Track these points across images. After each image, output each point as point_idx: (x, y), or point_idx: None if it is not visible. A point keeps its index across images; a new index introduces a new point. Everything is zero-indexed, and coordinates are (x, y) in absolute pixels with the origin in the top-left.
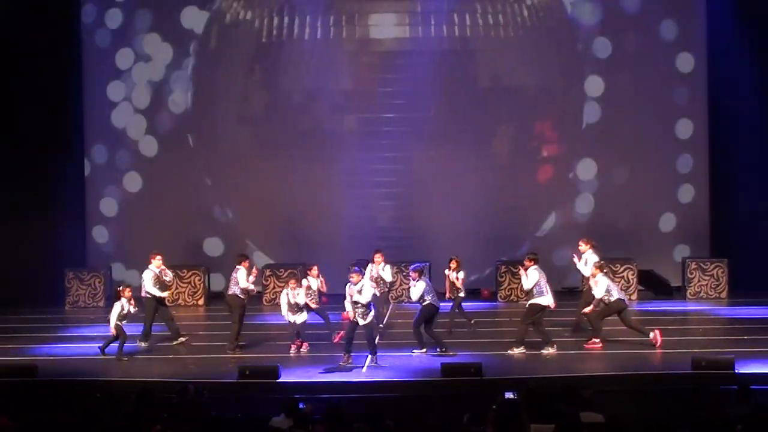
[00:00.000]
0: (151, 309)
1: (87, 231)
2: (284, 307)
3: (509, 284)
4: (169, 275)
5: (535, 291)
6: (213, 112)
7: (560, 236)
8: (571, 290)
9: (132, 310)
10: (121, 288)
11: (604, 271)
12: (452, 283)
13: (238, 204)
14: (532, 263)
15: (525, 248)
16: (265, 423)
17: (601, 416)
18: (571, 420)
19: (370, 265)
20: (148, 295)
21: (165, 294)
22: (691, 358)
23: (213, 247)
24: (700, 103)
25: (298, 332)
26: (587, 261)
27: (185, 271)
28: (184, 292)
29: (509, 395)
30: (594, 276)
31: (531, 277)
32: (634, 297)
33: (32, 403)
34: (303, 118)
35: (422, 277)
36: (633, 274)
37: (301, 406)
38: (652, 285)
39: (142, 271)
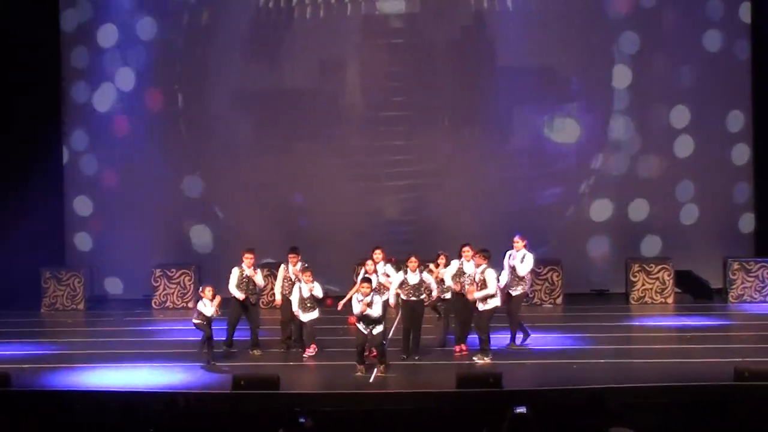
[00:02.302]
0: (233, 311)
1: (65, 227)
2: (295, 303)
3: (532, 285)
4: (259, 277)
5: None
6: (205, 95)
7: (586, 232)
8: (601, 292)
9: (211, 311)
10: (201, 288)
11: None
12: (441, 280)
13: (232, 196)
14: (485, 261)
15: (548, 245)
16: None
17: (631, 431)
18: None
19: (369, 261)
20: (231, 296)
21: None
22: (733, 368)
23: (204, 243)
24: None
25: (305, 333)
26: (524, 259)
27: (173, 270)
28: (173, 293)
29: (520, 409)
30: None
31: (490, 278)
32: (670, 300)
33: (3, 415)
34: (303, 102)
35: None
36: (669, 276)
37: (302, 420)
38: (691, 287)
39: (125, 270)
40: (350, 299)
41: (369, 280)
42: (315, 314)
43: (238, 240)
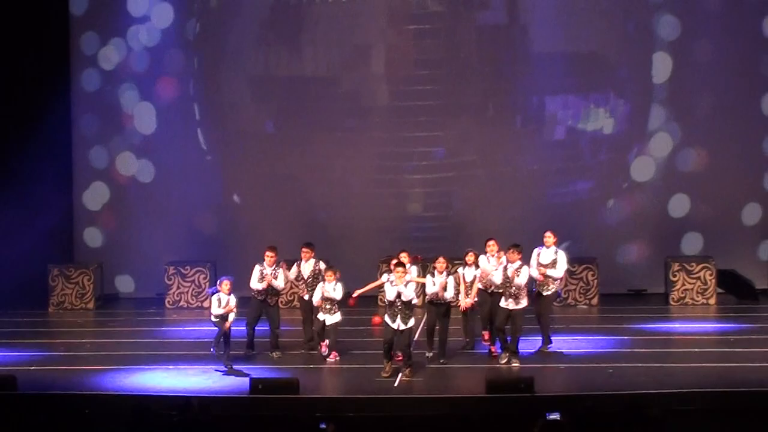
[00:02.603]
0: (253, 311)
1: (74, 221)
2: (317, 298)
3: (566, 284)
4: (279, 278)
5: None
6: (222, 82)
7: (624, 228)
8: (638, 293)
9: (231, 303)
10: (219, 281)
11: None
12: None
13: (249, 188)
14: (520, 257)
15: (585, 242)
16: None
17: None
18: None
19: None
20: (251, 294)
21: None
22: None
23: (220, 240)
24: None
25: (329, 338)
26: (557, 256)
27: (188, 268)
28: (187, 292)
29: (553, 416)
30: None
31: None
32: (712, 301)
33: (9, 420)
34: (324, 90)
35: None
36: (711, 275)
37: (322, 426)
38: (734, 287)
39: (137, 267)
40: (375, 287)
41: (403, 264)
42: (337, 317)
43: (257, 237)
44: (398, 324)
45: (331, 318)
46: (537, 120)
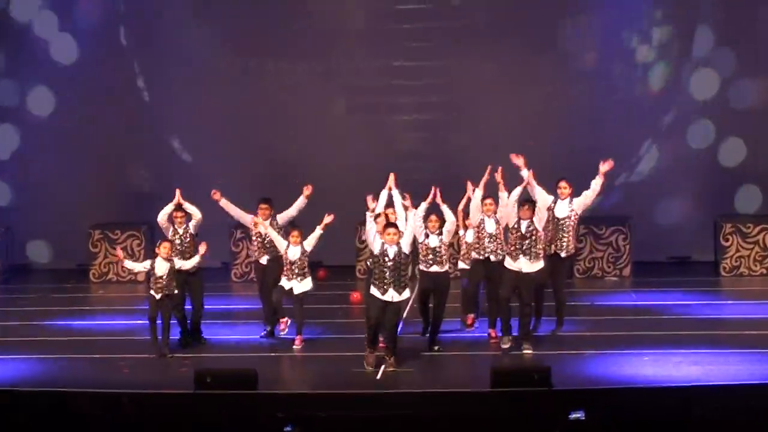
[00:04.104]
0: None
1: None
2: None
3: (590, 251)
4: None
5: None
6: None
7: (664, 181)
8: (682, 261)
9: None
10: (158, 244)
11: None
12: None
13: (194, 131)
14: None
15: (614, 198)
16: None
17: None
18: None
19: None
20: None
21: (185, 264)
22: None
23: (155, 196)
24: None
25: (295, 312)
26: (575, 210)
27: (117, 232)
28: (116, 263)
29: (576, 415)
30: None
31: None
32: None
33: None
34: (287, 7)
35: None
36: None
37: (287, 429)
38: None
39: (55, 231)
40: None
41: (394, 225)
42: (308, 284)
43: (203, 192)
44: (391, 295)
45: (299, 285)
46: (558, 45)
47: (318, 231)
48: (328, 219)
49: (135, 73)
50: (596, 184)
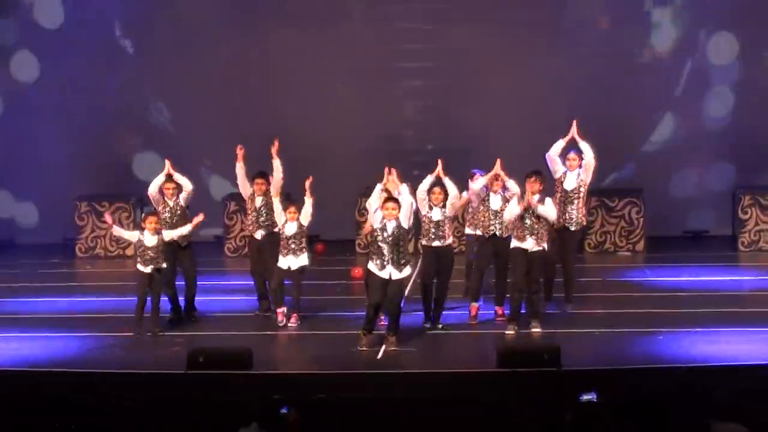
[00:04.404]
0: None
1: None
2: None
3: (602, 225)
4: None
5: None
6: None
7: (679, 149)
8: (698, 235)
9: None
10: (143, 217)
11: None
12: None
13: (186, 95)
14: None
15: (628, 169)
16: None
17: (745, 429)
18: None
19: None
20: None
21: (173, 233)
22: None
23: (147, 168)
24: None
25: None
26: (584, 180)
27: (105, 204)
28: (105, 237)
29: (588, 396)
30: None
31: (550, 209)
32: None
33: None
34: None
35: None
36: None
37: (283, 411)
38: None
39: (39, 203)
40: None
41: (395, 199)
42: (305, 259)
43: (195, 161)
44: (389, 272)
45: (296, 260)
46: (565, 8)
47: (308, 201)
48: (308, 183)
49: (121, 37)
50: (583, 147)
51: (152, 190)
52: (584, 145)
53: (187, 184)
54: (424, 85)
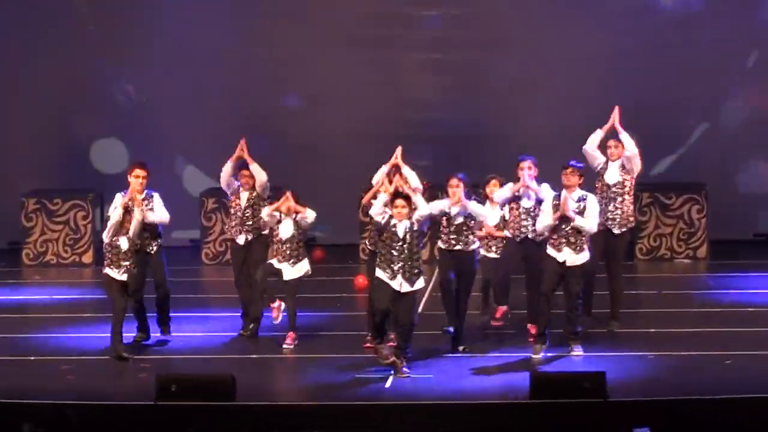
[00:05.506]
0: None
1: None
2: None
3: (656, 227)
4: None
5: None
6: None
7: (747, 140)
8: None
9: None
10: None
11: None
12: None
13: (154, 72)
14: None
15: (687, 160)
16: None
17: None
18: None
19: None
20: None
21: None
22: None
23: (111, 159)
24: None
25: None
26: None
27: (58, 201)
28: (57, 240)
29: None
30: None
31: (592, 207)
32: None
33: None
34: None
35: None
36: None
37: None
38: None
39: None
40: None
41: (404, 195)
42: (303, 267)
43: (167, 152)
44: (400, 283)
45: (292, 270)
46: None
47: (310, 213)
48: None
49: (81, 3)
50: (624, 137)
51: (224, 179)
52: (625, 137)
53: (261, 175)
54: (440, 57)
